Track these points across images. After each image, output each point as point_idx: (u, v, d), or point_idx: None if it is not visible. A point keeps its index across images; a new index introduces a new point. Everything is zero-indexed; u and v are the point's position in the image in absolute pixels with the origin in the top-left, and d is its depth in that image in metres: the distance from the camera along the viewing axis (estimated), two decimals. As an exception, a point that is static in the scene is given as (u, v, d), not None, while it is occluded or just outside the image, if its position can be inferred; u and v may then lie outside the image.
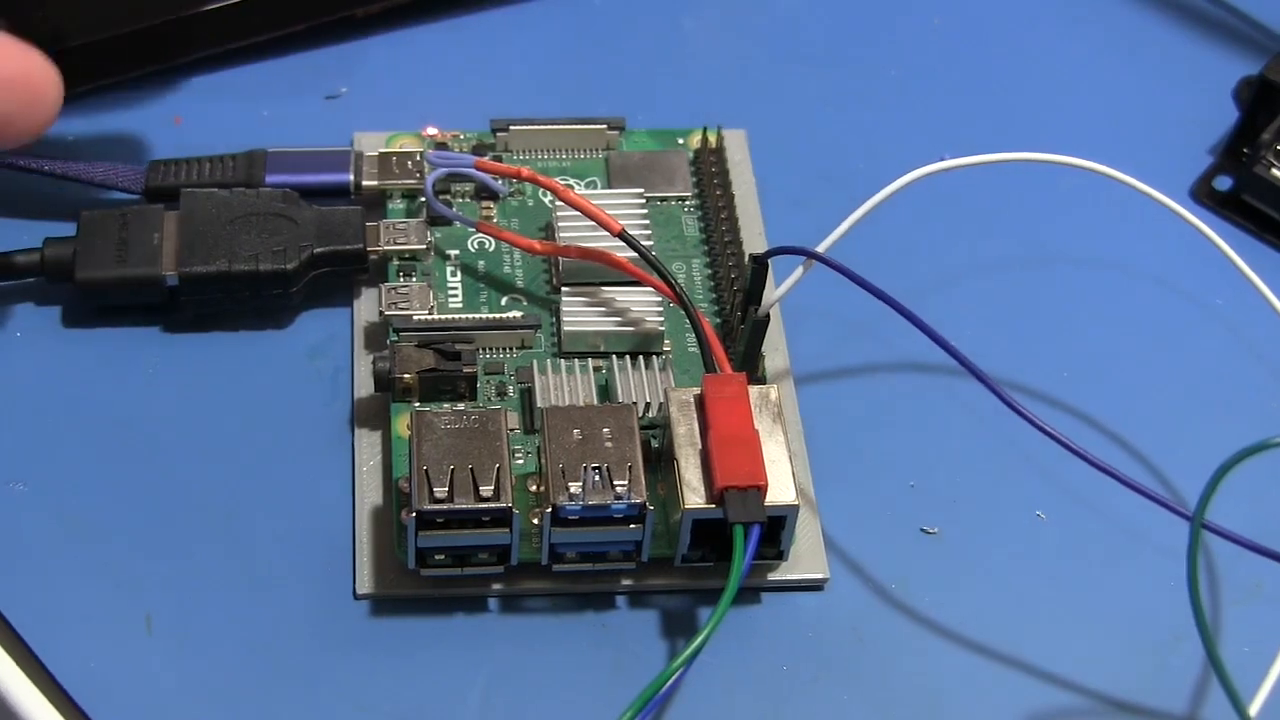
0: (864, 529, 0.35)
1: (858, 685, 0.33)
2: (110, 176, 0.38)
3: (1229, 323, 0.39)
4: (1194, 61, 0.44)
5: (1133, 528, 0.35)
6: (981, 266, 0.40)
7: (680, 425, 0.33)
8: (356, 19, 0.43)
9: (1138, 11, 0.46)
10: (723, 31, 0.44)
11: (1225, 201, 0.41)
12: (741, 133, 0.41)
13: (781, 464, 0.32)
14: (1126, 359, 0.38)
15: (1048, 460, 0.33)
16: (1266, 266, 0.36)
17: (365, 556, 0.33)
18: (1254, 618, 0.34)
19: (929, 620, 0.34)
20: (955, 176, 0.34)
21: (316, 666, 0.32)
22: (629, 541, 0.32)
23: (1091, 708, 0.33)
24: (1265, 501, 0.35)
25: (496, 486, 0.31)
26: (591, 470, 0.32)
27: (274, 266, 0.36)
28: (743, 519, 0.31)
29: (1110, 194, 0.35)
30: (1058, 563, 0.34)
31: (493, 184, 0.38)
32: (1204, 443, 0.32)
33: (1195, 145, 0.42)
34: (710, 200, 0.39)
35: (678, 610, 0.33)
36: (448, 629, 0.33)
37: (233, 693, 0.31)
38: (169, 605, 0.32)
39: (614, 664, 0.32)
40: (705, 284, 0.38)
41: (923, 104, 0.43)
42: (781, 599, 0.34)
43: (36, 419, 0.35)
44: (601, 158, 0.40)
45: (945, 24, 0.45)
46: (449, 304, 0.37)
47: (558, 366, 0.35)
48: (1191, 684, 0.33)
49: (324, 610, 0.33)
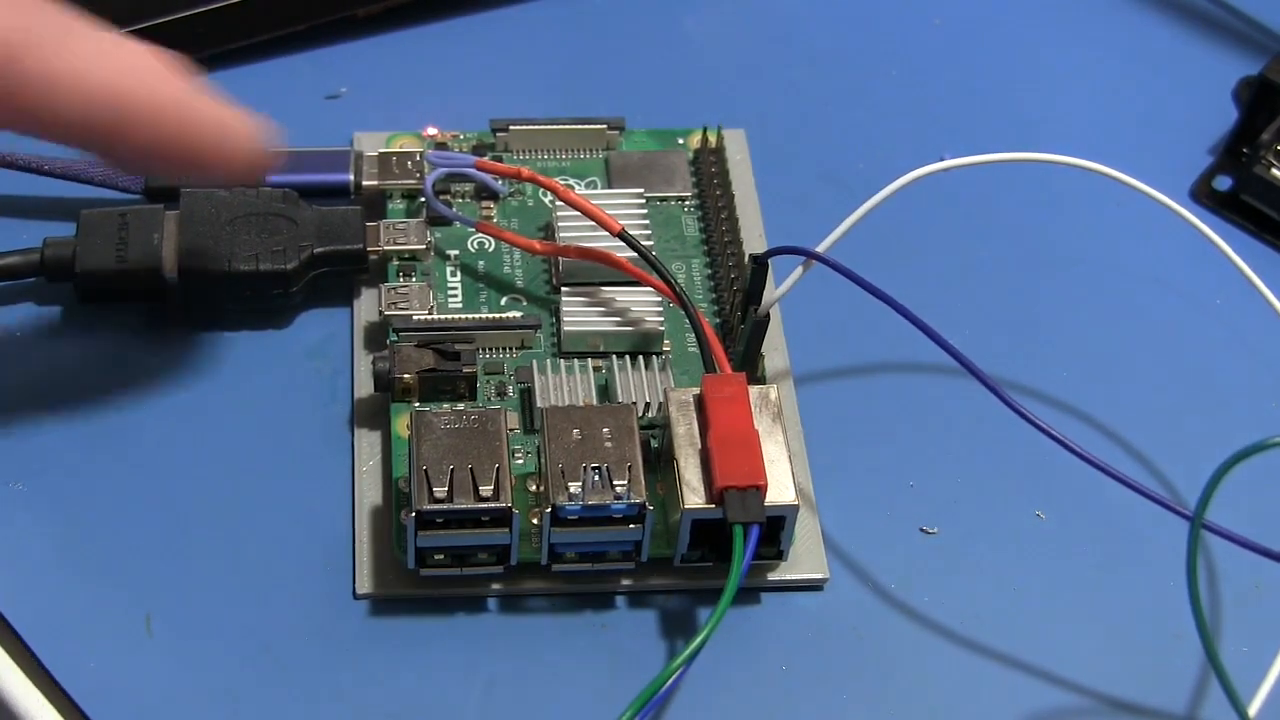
0: (863, 529, 0.35)
1: (858, 685, 0.33)
2: (110, 176, 0.38)
3: (1228, 323, 0.39)
4: (1194, 61, 0.44)
5: (1132, 528, 0.35)
6: (981, 266, 0.40)
7: (680, 425, 0.33)
8: (356, 19, 0.43)
9: (1138, 12, 0.46)
10: (723, 31, 0.44)
11: (1225, 202, 0.41)
12: (741, 133, 0.41)
13: (781, 464, 0.32)
14: (1126, 359, 0.38)
15: (1047, 460, 0.33)
16: (1266, 266, 0.36)
17: (365, 556, 0.33)
18: (1253, 618, 0.34)
19: (929, 620, 0.34)
20: (955, 176, 0.34)
21: (316, 666, 0.32)
22: (628, 541, 0.32)
23: (1091, 708, 0.33)
24: (1265, 501, 0.35)
25: (496, 486, 0.31)
26: (591, 470, 0.32)
27: (274, 266, 0.36)
28: (742, 519, 0.31)
29: (1110, 194, 0.35)
30: (1057, 563, 0.34)
31: (493, 184, 0.38)
32: (1204, 443, 0.32)
33: (1195, 145, 0.42)
34: (710, 200, 0.39)
35: (677, 610, 0.33)
36: (447, 629, 0.33)
37: (233, 693, 0.31)
38: (169, 605, 0.32)
39: (613, 664, 0.32)
40: (705, 284, 0.38)
41: (923, 104, 0.43)
42: (781, 599, 0.34)
43: (36, 419, 0.35)
44: (601, 158, 0.40)
45: (945, 24, 0.45)
46: (449, 304, 0.37)
47: (557, 366, 0.35)
48: (1191, 684, 0.33)
49: (324, 610, 0.33)
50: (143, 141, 0.31)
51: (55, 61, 0.29)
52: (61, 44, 0.30)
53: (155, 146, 0.31)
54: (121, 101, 0.30)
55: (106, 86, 0.30)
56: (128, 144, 0.31)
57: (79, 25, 0.30)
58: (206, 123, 0.31)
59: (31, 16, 0.29)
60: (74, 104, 0.30)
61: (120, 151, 0.31)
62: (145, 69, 0.31)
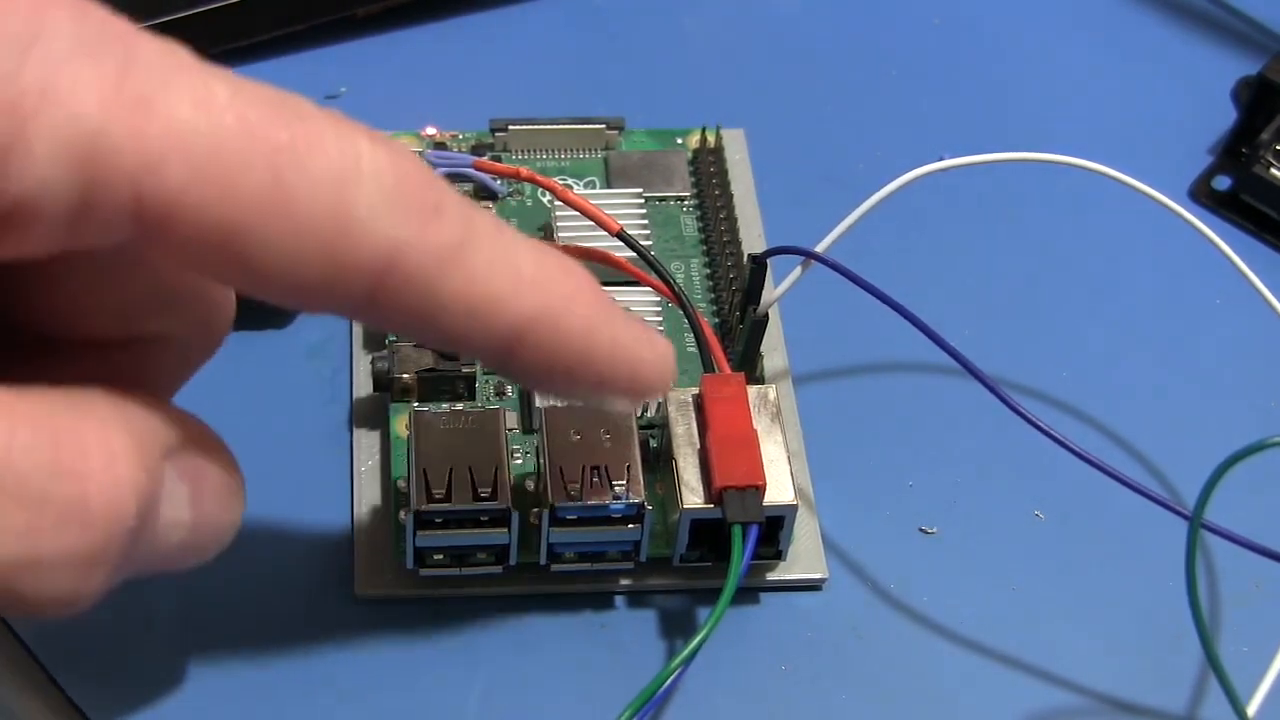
0: (863, 529, 0.35)
1: (857, 685, 0.33)
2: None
3: (1228, 323, 0.39)
4: (1194, 61, 0.44)
5: (1132, 528, 0.35)
6: (981, 266, 0.40)
7: (679, 425, 0.33)
8: (356, 19, 0.43)
9: (1137, 11, 0.45)
10: (722, 31, 0.44)
11: (1224, 201, 0.41)
12: (740, 132, 0.41)
13: (780, 464, 0.32)
14: (1126, 359, 0.38)
15: (1047, 460, 0.33)
16: (1266, 266, 0.36)
17: (364, 556, 0.33)
18: (1253, 618, 0.34)
19: (928, 620, 0.34)
20: (955, 176, 0.34)
21: (316, 666, 0.32)
22: (627, 541, 0.32)
23: (1091, 708, 0.33)
24: (1265, 501, 0.35)
25: (495, 486, 0.31)
26: (590, 470, 0.32)
27: (273, 266, 0.36)
28: (741, 519, 0.31)
29: (1109, 194, 0.35)
30: (1057, 563, 0.34)
31: (492, 184, 0.38)
32: (1203, 443, 0.32)
33: (1194, 145, 0.42)
34: (709, 200, 0.39)
35: (676, 610, 0.33)
36: (447, 629, 0.33)
37: (233, 693, 0.31)
38: (169, 605, 0.32)
39: (612, 664, 0.32)
40: (704, 284, 0.38)
41: (923, 104, 0.43)
42: (780, 599, 0.34)
43: (36, 419, 0.35)
44: (600, 157, 0.40)
45: (945, 24, 0.45)
46: (448, 304, 0.37)
47: (557, 366, 0.35)
48: (1190, 684, 0.33)
49: (323, 610, 0.33)
50: (535, 366, 0.25)
51: (444, 284, 0.23)
52: (454, 258, 0.23)
53: (548, 371, 0.25)
54: (518, 331, 0.24)
55: (502, 315, 0.24)
56: (515, 366, 0.25)
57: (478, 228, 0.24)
58: (612, 350, 0.26)
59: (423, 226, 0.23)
60: (459, 328, 0.24)
61: (505, 370, 0.26)
62: (551, 287, 0.25)
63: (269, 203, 0.22)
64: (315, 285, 0.23)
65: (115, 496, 0.23)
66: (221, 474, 0.26)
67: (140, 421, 0.24)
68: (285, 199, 0.22)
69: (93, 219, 0.22)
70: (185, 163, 0.21)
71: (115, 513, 0.23)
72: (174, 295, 0.26)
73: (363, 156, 0.23)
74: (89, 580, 0.23)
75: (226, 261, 0.22)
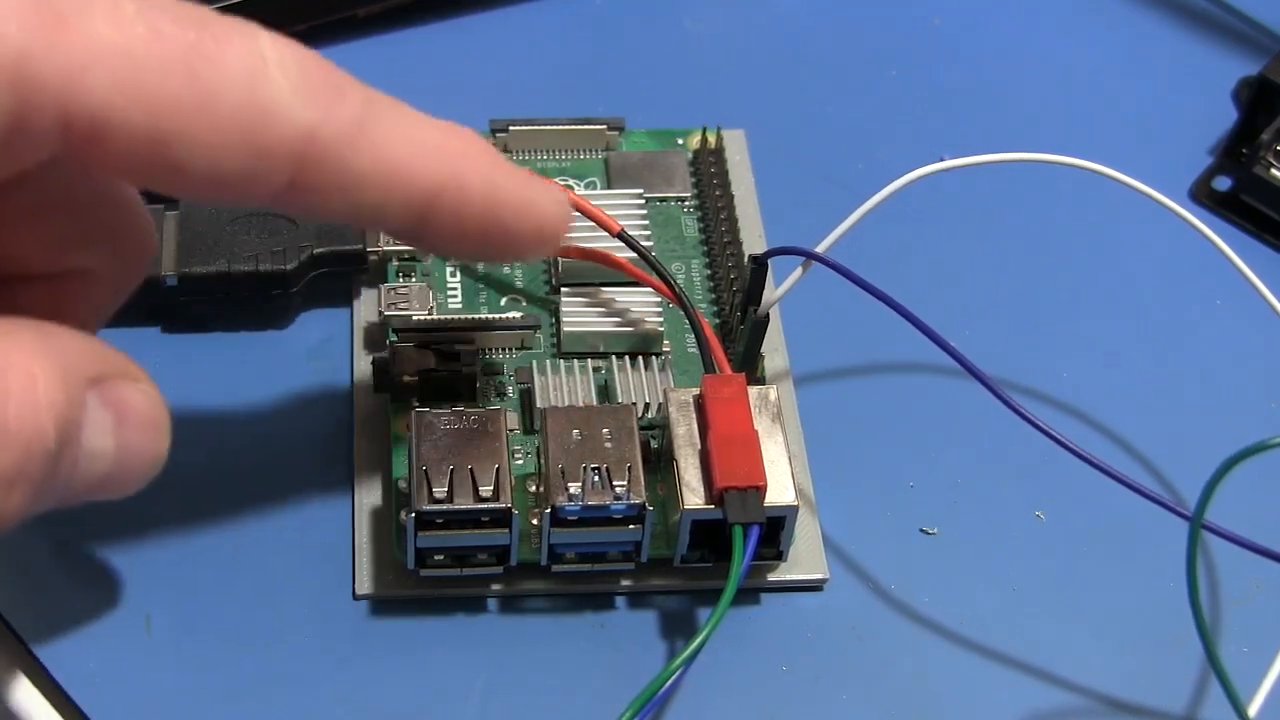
0: (863, 529, 0.35)
1: (857, 685, 0.33)
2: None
3: (1228, 323, 0.39)
4: (1194, 61, 0.44)
5: (1132, 528, 0.35)
6: (981, 266, 0.40)
7: (680, 426, 0.33)
8: (356, 19, 0.43)
9: (1137, 11, 0.46)
10: (723, 31, 0.44)
11: (1224, 202, 0.41)
12: (741, 133, 0.41)
13: (781, 464, 0.32)
14: (1126, 359, 0.38)
15: (1047, 460, 0.33)
16: (1266, 267, 0.36)
17: (365, 557, 0.33)
18: (1253, 618, 0.34)
19: (929, 620, 0.34)
20: (955, 176, 0.34)
21: (316, 667, 0.32)
22: (628, 542, 0.32)
23: (1091, 708, 0.33)
24: (1265, 501, 0.35)
25: (496, 487, 0.31)
26: (591, 471, 0.32)
27: (274, 267, 0.36)
28: (742, 519, 0.31)
29: (1109, 194, 0.35)
30: (1057, 563, 0.34)
31: (492, 184, 0.38)
32: (1204, 443, 0.32)
33: (1194, 146, 0.42)
34: (709, 200, 0.39)
35: (677, 611, 0.33)
36: (447, 629, 0.33)
37: (232, 693, 0.31)
38: (169, 605, 0.32)
39: (613, 664, 0.32)
40: (704, 284, 0.38)
41: (923, 104, 0.43)
42: (781, 599, 0.34)
43: (36, 419, 0.35)
44: (601, 158, 0.40)
45: (945, 24, 0.45)
46: (448, 304, 0.37)
47: (557, 367, 0.35)
48: (1191, 684, 0.33)
49: (324, 610, 0.33)
50: (447, 231, 0.27)
51: (356, 159, 0.26)
52: (361, 133, 0.26)
53: (459, 235, 0.27)
54: (427, 196, 0.26)
55: (411, 181, 0.26)
56: (430, 233, 0.27)
57: (378, 105, 0.26)
58: (516, 204, 0.28)
59: (330, 107, 0.25)
60: (373, 200, 0.26)
61: (419, 240, 0.28)
62: (451, 151, 0.27)
63: (189, 101, 0.23)
64: (240, 177, 0.24)
65: (33, 416, 0.24)
66: (146, 405, 0.27)
67: (63, 349, 0.25)
68: (203, 96, 0.24)
69: (24, 138, 0.23)
70: (106, 74, 0.23)
71: (32, 432, 0.24)
72: (97, 227, 0.28)
73: (267, 50, 0.24)
74: (7, 500, 0.24)
75: (155, 164, 0.24)
